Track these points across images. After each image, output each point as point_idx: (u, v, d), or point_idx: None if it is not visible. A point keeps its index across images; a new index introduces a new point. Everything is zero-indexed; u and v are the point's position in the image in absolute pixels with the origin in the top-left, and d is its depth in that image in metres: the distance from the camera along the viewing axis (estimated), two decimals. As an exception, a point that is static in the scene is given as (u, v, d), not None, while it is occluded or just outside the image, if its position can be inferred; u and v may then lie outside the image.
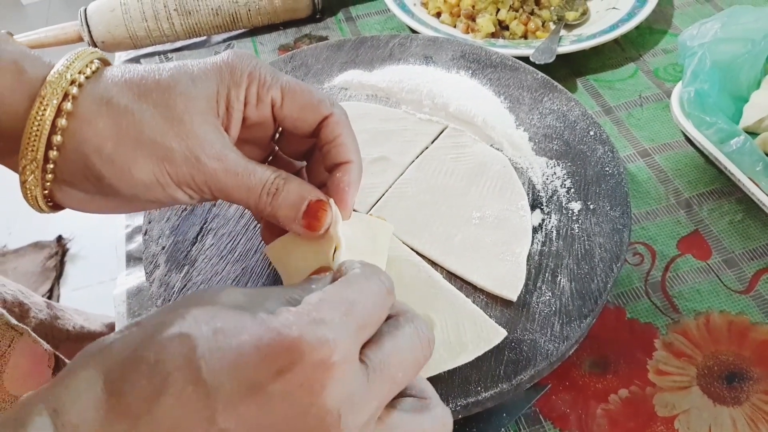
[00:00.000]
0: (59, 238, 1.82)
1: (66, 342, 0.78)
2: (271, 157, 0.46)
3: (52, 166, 0.36)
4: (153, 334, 0.27)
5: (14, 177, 0.38)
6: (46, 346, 0.63)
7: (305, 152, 0.45)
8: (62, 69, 0.35)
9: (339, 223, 0.39)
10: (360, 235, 0.41)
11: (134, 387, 0.26)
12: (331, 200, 0.39)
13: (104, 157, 0.35)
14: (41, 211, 0.39)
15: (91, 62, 0.37)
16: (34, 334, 0.62)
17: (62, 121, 0.35)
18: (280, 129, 0.44)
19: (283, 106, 0.40)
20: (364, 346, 0.30)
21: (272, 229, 0.43)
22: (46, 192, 0.37)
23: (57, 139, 0.35)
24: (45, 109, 0.34)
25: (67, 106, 0.35)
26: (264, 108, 0.40)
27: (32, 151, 0.35)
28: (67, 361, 0.66)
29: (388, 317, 0.33)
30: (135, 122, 0.35)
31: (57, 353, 0.64)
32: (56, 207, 0.40)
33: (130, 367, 0.26)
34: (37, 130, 0.34)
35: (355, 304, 0.30)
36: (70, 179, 0.37)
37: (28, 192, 0.37)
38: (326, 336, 0.27)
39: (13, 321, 0.60)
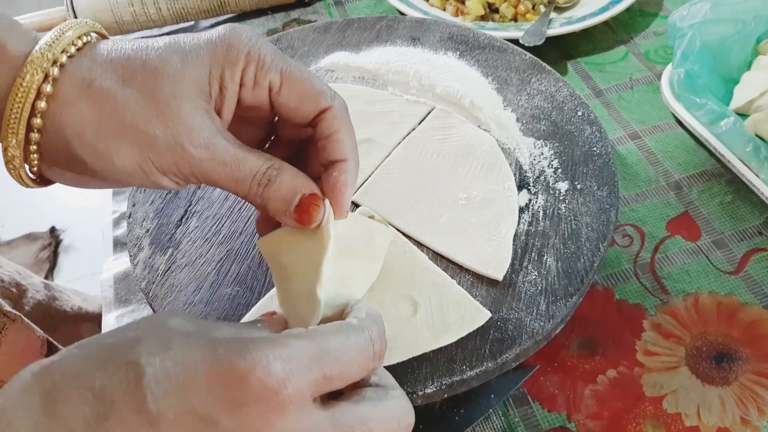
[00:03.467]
0: (52, 230, 1.82)
1: (64, 323, 0.78)
2: (273, 136, 0.44)
3: (35, 147, 0.34)
4: (100, 359, 0.27)
5: (2, 169, 0.37)
6: (39, 332, 0.62)
7: (301, 140, 0.43)
8: (45, 47, 0.34)
9: (331, 221, 0.37)
10: (356, 236, 0.40)
11: (76, 412, 0.25)
12: (326, 200, 0.38)
13: (85, 143, 0.34)
14: (27, 186, 0.37)
15: (79, 37, 0.35)
16: (27, 320, 0.61)
17: (42, 104, 0.33)
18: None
19: (280, 92, 0.37)
20: (337, 401, 0.30)
21: (268, 220, 0.42)
22: (35, 170, 0.36)
23: (37, 122, 0.33)
24: (25, 92, 0.33)
25: (47, 88, 0.33)
26: (261, 92, 0.37)
27: (13, 133, 0.33)
28: (60, 347, 0.66)
29: (375, 385, 0.33)
30: (117, 108, 0.33)
31: (50, 339, 0.64)
32: (44, 182, 0.38)
33: (73, 392, 0.26)
34: (17, 112, 0.33)
35: (328, 353, 0.29)
36: (55, 160, 0.35)
37: (12, 169, 0.35)
38: (280, 373, 0.27)
39: (6, 307, 0.60)
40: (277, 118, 0.42)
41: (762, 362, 0.50)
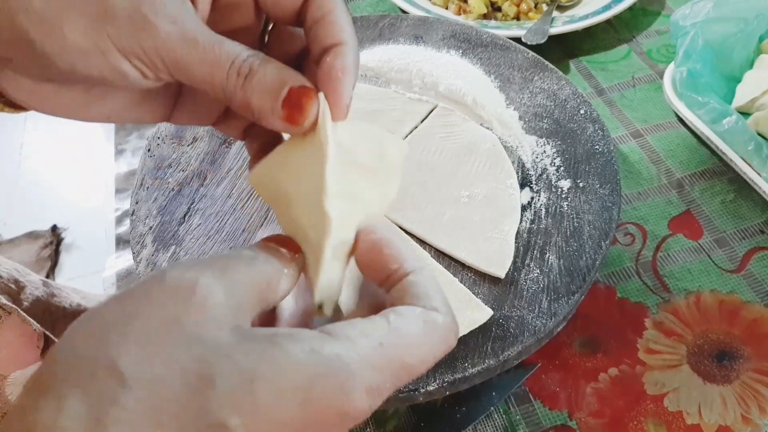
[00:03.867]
0: (54, 228, 1.82)
1: (63, 319, 0.78)
2: None
3: None
4: (171, 413, 0.22)
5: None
6: (36, 326, 0.62)
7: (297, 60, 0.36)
8: None
9: (328, 123, 0.30)
10: (363, 148, 0.32)
11: None
12: (321, 94, 0.30)
13: (32, 14, 0.28)
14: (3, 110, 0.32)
15: None
16: (23, 314, 0.61)
17: None
18: (269, 29, 0.35)
19: None
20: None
21: (260, 158, 0.35)
22: None
23: None
24: None
25: None
26: None
27: None
28: (57, 341, 0.66)
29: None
30: None
31: (47, 333, 0.64)
32: (13, 106, 0.33)
33: None
34: None
35: (408, 370, 0.26)
36: (5, 54, 0.30)
37: None
38: (368, 409, 0.24)
39: (2, 300, 0.60)
40: (267, 33, 0.36)
41: (763, 360, 0.50)
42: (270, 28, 0.35)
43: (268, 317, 0.31)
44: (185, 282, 0.24)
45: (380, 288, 0.30)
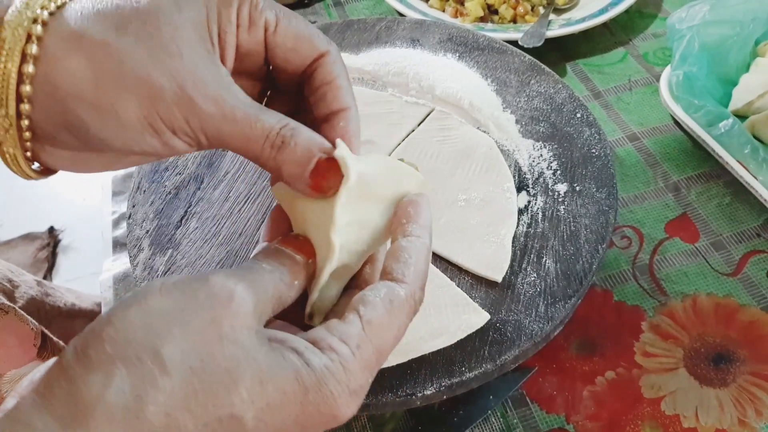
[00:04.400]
0: (51, 230, 1.82)
1: (57, 318, 0.78)
2: (269, 92, 0.40)
3: (27, 122, 0.31)
4: (193, 395, 0.26)
5: (1, 169, 0.33)
6: (33, 324, 0.62)
7: (298, 94, 0.39)
8: (21, 6, 0.30)
9: (349, 161, 0.32)
10: (382, 179, 0.35)
11: None
12: (339, 141, 0.34)
13: (85, 101, 0.30)
14: (27, 176, 0.34)
15: None
16: (21, 312, 0.61)
17: (29, 68, 0.29)
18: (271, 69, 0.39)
19: (276, 31, 0.34)
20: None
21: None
22: (29, 154, 0.33)
23: (26, 89, 0.30)
24: (7, 57, 0.29)
25: (32, 49, 0.29)
26: (257, 32, 0.34)
27: (1, 106, 0.30)
28: (54, 339, 0.66)
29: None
30: (115, 57, 0.30)
31: (45, 331, 0.64)
32: (45, 172, 0.35)
33: None
34: (3, 82, 0.29)
35: (384, 354, 0.31)
36: (51, 135, 0.32)
37: (7, 156, 0.32)
38: (352, 404, 0.29)
39: (0, 299, 0.60)
40: (272, 67, 0.39)
41: (760, 364, 0.50)
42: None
43: None
44: (226, 290, 0.28)
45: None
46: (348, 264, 0.34)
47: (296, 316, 0.34)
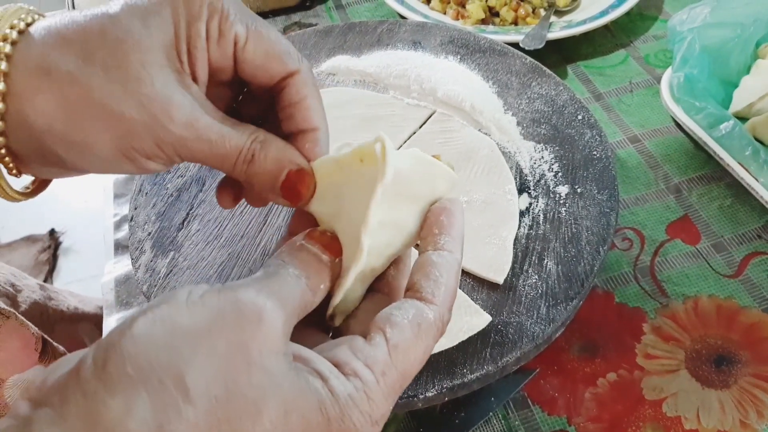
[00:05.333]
0: (52, 232, 1.82)
1: (61, 322, 0.78)
2: (240, 96, 0.40)
3: (3, 151, 0.31)
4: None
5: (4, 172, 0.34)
6: (34, 329, 0.62)
7: (259, 116, 0.39)
8: None
9: (390, 158, 0.30)
10: (419, 178, 0.33)
11: None
12: (385, 138, 0.31)
13: (57, 138, 0.31)
14: (12, 199, 0.35)
15: (18, 21, 0.31)
16: (21, 317, 0.61)
17: None
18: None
19: (246, 47, 0.34)
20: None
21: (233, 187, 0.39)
22: (14, 172, 0.33)
23: None
24: None
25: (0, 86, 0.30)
26: (226, 46, 0.33)
27: None
28: (55, 344, 0.66)
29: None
30: (84, 92, 0.30)
31: (45, 336, 0.64)
32: (35, 191, 0.36)
33: None
34: None
35: (407, 379, 0.29)
36: (33, 161, 0.33)
37: None
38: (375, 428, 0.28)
39: (0, 304, 0.60)
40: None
41: (761, 365, 0.50)
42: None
43: None
44: (255, 309, 0.26)
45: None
46: (375, 266, 0.33)
47: (315, 311, 0.33)
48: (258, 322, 0.26)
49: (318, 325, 0.33)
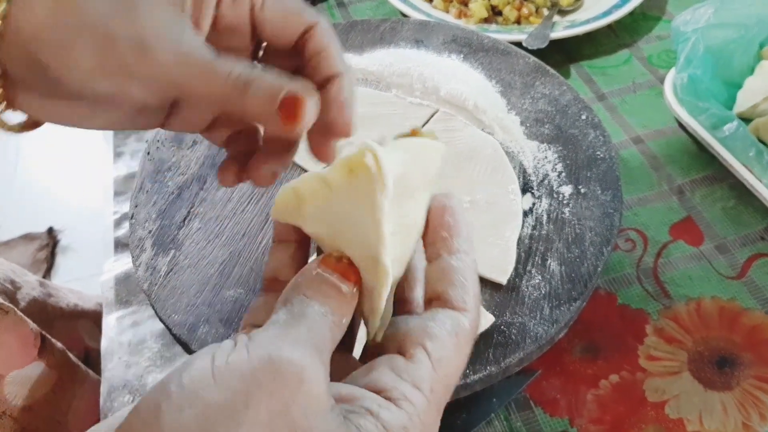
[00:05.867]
0: (50, 230, 1.81)
1: (60, 319, 0.78)
2: None
3: None
4: None
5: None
6: (33, 326, 0.62)
7: None
8: None
9: (386, 171, 0.28)
10: (412, 170, 0.31)
11: None
12: (371, 156, 0.29)
13: (43, 42, 0.30)
14: (5, 127, 0.34)
15: None
16: (20, 313, 0.61)
17: (2, 6, 0.30)
18: (263, 48, 0.38)
19: (264, 6, 0.34)
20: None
21: (240, 161, 0.38)
22: (5, 104, 0.33)
23: None
24: None
25: None
26: (242, 7, 0.33)
27: None
28: (53, 340, 0.66)
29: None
30: (76, 5, 0.30)
31: (44, 333, 0.64)
32: (28, 126, 0.36)
33: None
34: None
35: (451, 389, 0.28)
36: (21, 78, 0.32)
37: None
38: None
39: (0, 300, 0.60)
40: (261, 53, 0.38)
41: (764, 367, 0.50)
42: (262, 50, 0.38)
43: None
44: (294, 368, 0.24)
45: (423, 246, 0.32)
46: (397, 276, 0.31)
47: None
48: (299, 383, 0.24)
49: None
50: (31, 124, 0.35)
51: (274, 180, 0.37)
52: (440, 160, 0.33)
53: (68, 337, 0.69)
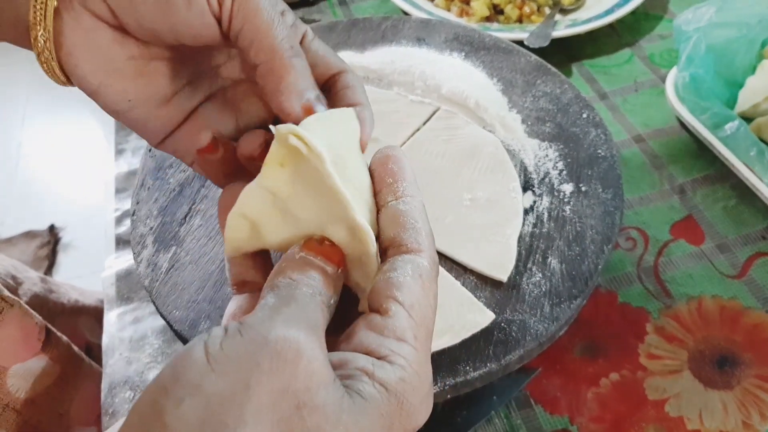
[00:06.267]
0: (51, 228, 1.81)
1: (61, 315, 0.78)
2: None
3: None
4: None
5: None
6: (38, 318, 0.62)
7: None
8: None
9: (311, 137, 0.29)
10: (337, 137, 0.32)
11: None
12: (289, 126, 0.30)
13: None
14: (63, 83, 0.34)
15: None
16: (25, 306, 0.61)
17: None
18: None
19: (314, 40, 0.36)
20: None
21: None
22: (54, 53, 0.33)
23: None
24: None
25: None
26: (297, 31, 0.35)
27: (39, 19, 0.31)
28: (58, 334, 0.66)
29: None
30: None
31: (49, 326, 0.64)
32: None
33: None
34: None
35: (431, 330, 0.29)
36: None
37: (44, 62, 0.33)
38: (431, 406, 0.28)
39: (5, 292, 0.60)
40: None
41: (765, 366, 0.50)
42: None
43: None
44: (290, 345, 0.24)
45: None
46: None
47: None
48: (297, 359, 0.24)
49: None
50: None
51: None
52: (355, 120, 0.34)
53: (69, 333, 0.69)
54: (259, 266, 0.33)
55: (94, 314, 0.83)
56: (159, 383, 0.23)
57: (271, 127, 0.32)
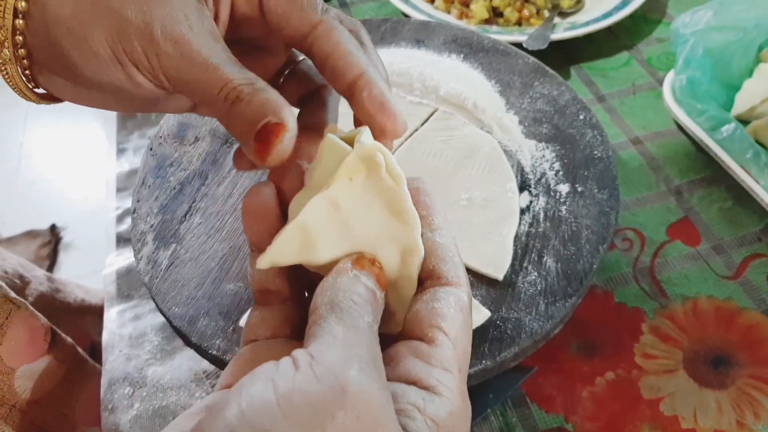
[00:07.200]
0: (53, 227, 1.82)
1: (67, 314, 0.78)
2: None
3: (21, 38, 0.31)
4: None
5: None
6: (44, 320, 0.63)
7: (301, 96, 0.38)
8: None
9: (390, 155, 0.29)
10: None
11: None
12: (366, 130, 0.30)
13: (63, 27, 0.30)
14: (28, 98, 0.34)
15: None
16: (31, 308, 0.61)
17: (22, 3, 0.30)
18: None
19: None
20: None
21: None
22: (28, 73, 0.33)
23: (22, 4, 0.30)
24: None
25: None
26: None
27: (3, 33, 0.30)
28: (63, 335, 0.66)
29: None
30: None
31: (54, 327, 0.64)
32: (50, 98, 0.35)
33: None
34: (1, 16, 0.30)
35: (468, 359, 0.29)
36: (44, 61, 0.32)
37: (10, 79, 0.32)
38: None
39: (12, 294, 0.60)
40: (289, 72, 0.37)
41: (759, 367, 0.51)
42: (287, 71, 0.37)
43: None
44: (367, 402, 0.23)
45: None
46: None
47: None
48: (375, 419, 0.23)
49: None
50: (50, 97, 0.35)
51: (254, 168, 0.37)
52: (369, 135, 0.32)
53: (75, 332, 0.70)
54: (284, 275, 0.32)
55: (99, 313, 0.83)
56: (221, 416, 0.22)
57: (330, 135, 0.30)
